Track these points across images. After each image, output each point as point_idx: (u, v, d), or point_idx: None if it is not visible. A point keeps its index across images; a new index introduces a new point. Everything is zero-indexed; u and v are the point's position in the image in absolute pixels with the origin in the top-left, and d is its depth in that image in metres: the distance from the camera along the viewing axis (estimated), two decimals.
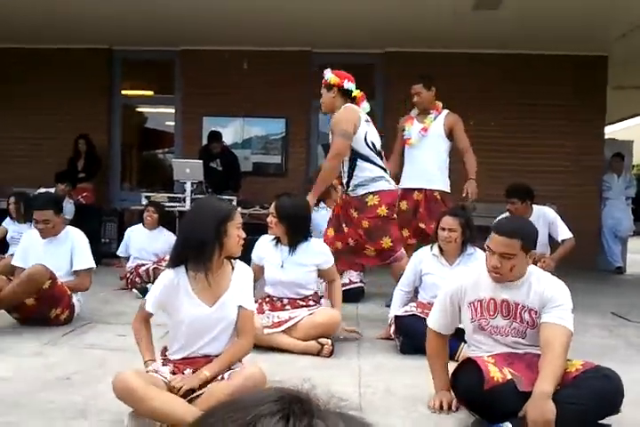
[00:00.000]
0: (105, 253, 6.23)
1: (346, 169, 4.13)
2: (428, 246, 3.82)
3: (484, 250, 2.56)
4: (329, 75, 4.12)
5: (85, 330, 3.87)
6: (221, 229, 2.41)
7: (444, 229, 3.60)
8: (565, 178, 7.28)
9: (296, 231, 3.62)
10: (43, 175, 6.84)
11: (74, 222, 6.10)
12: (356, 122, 4.01)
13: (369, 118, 4.18)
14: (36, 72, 7.59)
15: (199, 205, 2.64)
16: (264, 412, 0.46)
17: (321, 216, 4.99)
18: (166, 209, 5.70)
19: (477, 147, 7.25)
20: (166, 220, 5.48)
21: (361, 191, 4.12)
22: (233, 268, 2.56)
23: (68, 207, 6.22)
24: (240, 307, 2.52)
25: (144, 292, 4.99)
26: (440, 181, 4.78)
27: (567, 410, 2.18)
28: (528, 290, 2.44)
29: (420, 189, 4.76)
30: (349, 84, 4.06)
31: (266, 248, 3.75)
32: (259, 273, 3.63)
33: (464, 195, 4.69)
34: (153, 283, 5.01)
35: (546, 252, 4.97)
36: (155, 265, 5.16)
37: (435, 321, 2.68)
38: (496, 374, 2.32)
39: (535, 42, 6.80)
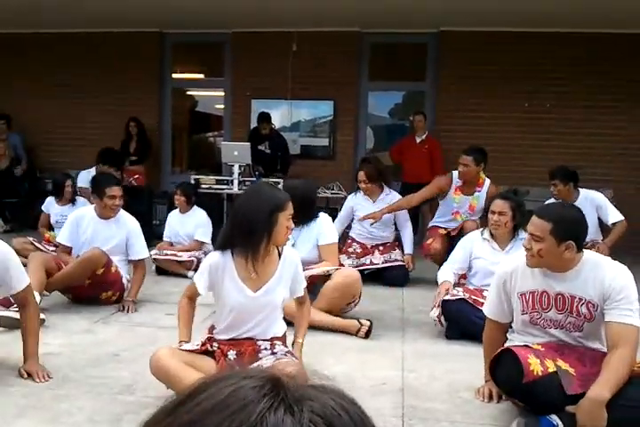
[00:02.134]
0: (157, 234, 6.33)
1: None
2: (479, 230, 3.74)
3: None
4: None
5: (134, 309, 3.96)
6: (272, 219, 2.39)
7: (494, 212, 3.50)
8: (626, 162, 6.98)
9: (303, 212, 3.60)
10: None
11: (125, 204, 6.22)
12: None
13: None
14: (87, 57, 7.72)
15: (253, 191, 2.60)
16: (261, 409, 0.44)
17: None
18: (196, 189, 5.72)
19: (530, 128, 7.11)
20: (195, 200, 5.41)
21: None
22: (280, 254, 2.56)
23: None
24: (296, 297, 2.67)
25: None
26: None
27: (625, 412, 2.02)
28: (585, 280, 2.26)
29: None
30: None
31: None
32: None
33: None
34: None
35: (598, 238, 4.79)
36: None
37: (490, 310, 2.55)
38: (536, 366, 2.18)
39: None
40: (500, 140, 7.04)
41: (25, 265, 4.03)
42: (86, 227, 4.01)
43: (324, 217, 3.88)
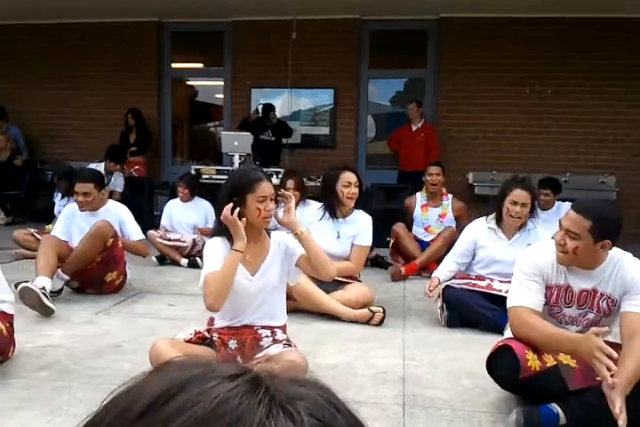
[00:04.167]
0: (157, 225, 6.33)
1: None
2: (483, 218, 3.69)
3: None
4: None
5: (136, 300, 3.97)
6: (236, 201, 2.38)
7: (516, 203, 3.39)
8: (627, 147, 6.94)
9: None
10: (98, 150, 6.97)
11: (125, 195, 6.22)
12: None
13: None
14: (85, 47, 7.69)
15: (228, 177, 2.65)
16: (261, 418, 0.40)
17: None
18: (199, 180, 5.75)
19: (530, 115, 7.06)
20: (197, 191, 5.44)
21: None
22: (269, 236, 2.56)
23: (119, 180, 6.32)
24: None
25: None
26: None
27: None
28: (609, 276, 2.23)
29: None
30: None
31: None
32: None
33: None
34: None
35: None
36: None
37: (533, 301, 2.27)
38: (534, 362, 2.15)
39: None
40: (500, 127, 7.01)
41: (28, 257, 4.08)
42: (79, 220, 4.05)
43: (367, 216, 3.84)
